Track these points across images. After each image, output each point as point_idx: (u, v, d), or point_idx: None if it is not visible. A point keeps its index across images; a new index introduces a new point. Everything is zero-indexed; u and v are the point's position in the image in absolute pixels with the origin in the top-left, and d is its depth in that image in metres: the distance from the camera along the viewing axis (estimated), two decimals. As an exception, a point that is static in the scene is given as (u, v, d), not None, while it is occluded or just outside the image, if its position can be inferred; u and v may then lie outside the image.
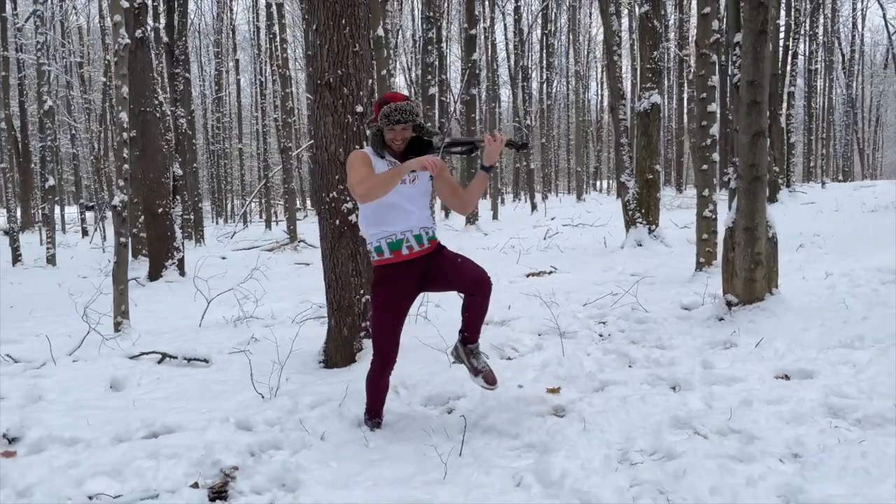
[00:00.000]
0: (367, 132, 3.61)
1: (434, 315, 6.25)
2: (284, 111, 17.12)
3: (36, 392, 4.56)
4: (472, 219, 18.83)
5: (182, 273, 11.55)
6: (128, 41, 6.76)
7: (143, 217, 13.07)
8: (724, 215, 5.74)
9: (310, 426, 3.55)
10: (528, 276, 9.20)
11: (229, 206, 41.24)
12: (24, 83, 25.77)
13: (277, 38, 18.39)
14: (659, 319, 5.63)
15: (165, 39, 14.84)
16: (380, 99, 3.42)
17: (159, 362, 5.36)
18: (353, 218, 4.78)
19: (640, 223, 11.54)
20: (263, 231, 25.16)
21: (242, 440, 3.43)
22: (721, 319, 5.24)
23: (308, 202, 32.36)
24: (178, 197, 11.65)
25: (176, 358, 5.34)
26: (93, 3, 32.52)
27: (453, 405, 3.95)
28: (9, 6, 20.65)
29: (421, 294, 3.62)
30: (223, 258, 15.98)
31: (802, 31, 26.25)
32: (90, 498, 2.91)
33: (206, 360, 5.25)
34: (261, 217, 33.56)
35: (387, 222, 3.35)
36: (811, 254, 9.06)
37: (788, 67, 22.85)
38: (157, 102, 11.28)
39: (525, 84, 29.61)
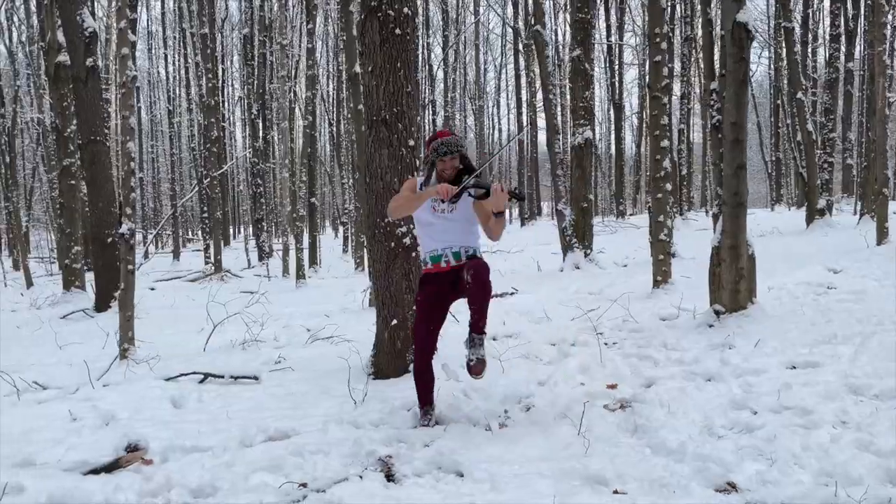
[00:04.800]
0: (422, 167, 4.25)
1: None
2: (210, 140, 17.03)
3: (104, 413, 4.69)
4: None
5: (131, 303, 11.35)
6: (135, 73, 6.91)
7: (75, 247, 12.72)
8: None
9: (427, 422, 3.99)
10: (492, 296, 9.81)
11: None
12: None
13: (201, 67, 18.32)
14: (652, 328, 6.40)
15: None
16: (430, 136, 4.08)
17: (201, 382, 5.56)
18: (406, 241, 5.25)
19: (577, 248, 12.48)
20: (172, 262, 24.47)
21: (372, 436, 3.82)
22: (711, 326, 6.06)
23: (233, 231, 31.61)
24: (125, 226, 11.45)
25: (222, 377, 5.56)
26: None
27: (528, 402, 4.48)
28: None
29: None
30: (152, 289, 15.65)
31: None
32: (278, 487, 3.24)
33: (255, 378, 5.50)
34: (157, 247, 32.46)
35: (431, 241, 4.09)
36: (738, 273, 10.22)
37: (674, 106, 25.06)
38: (106, 131, 11.16)
39: (433, 116, 30.63)
